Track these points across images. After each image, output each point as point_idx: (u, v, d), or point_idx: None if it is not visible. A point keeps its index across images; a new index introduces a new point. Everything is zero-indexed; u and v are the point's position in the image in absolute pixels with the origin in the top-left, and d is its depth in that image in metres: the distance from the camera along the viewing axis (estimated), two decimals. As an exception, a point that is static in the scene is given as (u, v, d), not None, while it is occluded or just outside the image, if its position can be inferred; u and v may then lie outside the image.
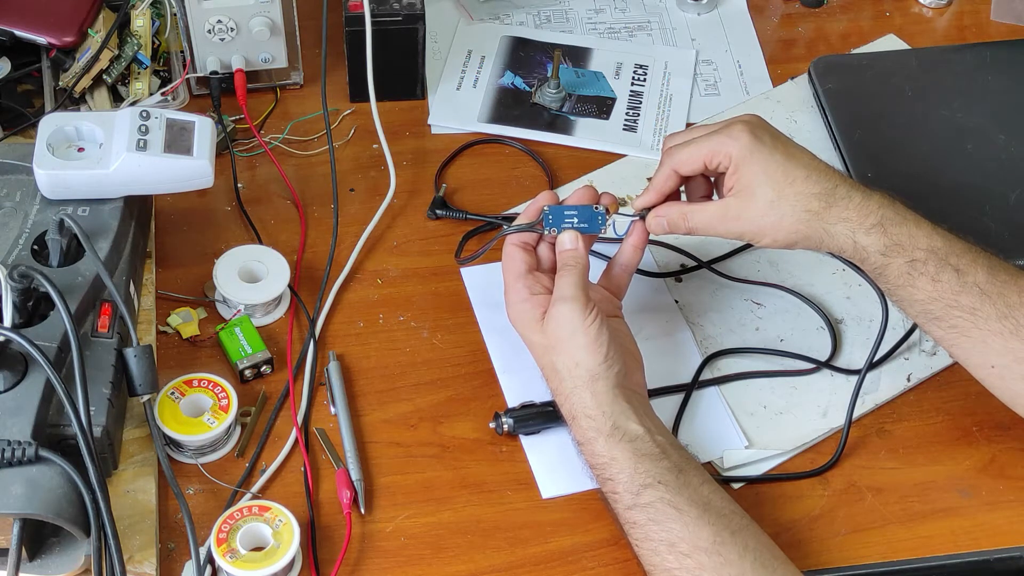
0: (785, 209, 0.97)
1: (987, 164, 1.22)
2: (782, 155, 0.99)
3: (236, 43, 1.23)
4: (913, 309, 0.99)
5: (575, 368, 0.96)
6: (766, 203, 0.98)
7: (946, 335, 0.98)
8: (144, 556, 0.94)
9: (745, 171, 0.98)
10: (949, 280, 0.96)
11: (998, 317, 0.95)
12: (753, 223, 0.99)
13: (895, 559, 0.99)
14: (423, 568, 0.96)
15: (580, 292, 0.97)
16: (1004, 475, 1.03)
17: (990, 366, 0.97)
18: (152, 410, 0.98)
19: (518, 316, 1.00)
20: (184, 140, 1.04)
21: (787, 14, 1.41)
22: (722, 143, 0.99)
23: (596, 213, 1.02)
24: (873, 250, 0.97)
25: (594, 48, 1.35)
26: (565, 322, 0.96)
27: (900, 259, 0.97)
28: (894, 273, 0.97)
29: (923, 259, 0.97)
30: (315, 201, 1.19)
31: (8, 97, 1.24)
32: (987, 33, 1.39)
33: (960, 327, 0.97)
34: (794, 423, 1.05)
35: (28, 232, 1.01)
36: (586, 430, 0.95)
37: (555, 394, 0.99)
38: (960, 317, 0.96)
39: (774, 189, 0.97)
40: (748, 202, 0.98)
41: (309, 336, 1.08)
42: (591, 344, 0.96)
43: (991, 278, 0.96)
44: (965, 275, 0.96)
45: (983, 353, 0.97)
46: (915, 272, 0.97)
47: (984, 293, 0.96)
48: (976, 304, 0.96)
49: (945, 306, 0.97)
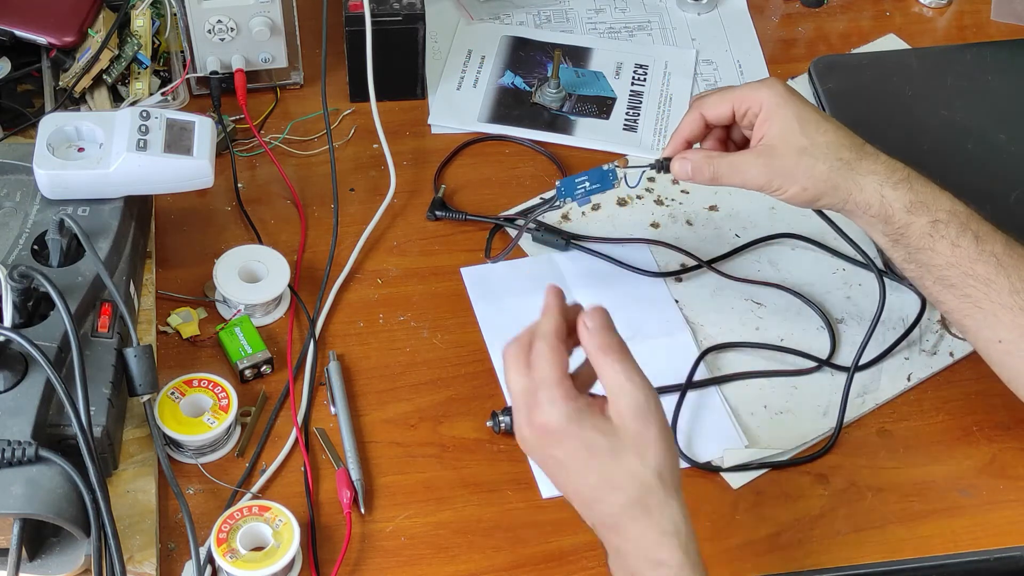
0: (819, 156, 0.97)
1: (988, 164, 1.22)
2: (813, 110, 0.99)
3: (236, 43, 1.23)
4: (930, 276, 0.98)
5: (670, 474, 0.82)
6: (799, 149, 0.97)
7: (959, 305, 0.98)
8: (144, 556, 0.94)
9: (778, 117, 0.98)
10: (968, 246, 0.96)
11: (1011, 291, 0.95)
12: (784, 170, 0.98)
13: (895, 559, 0.99)
14: (423, 568, 0.96)
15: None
16: (1004, 475, 1.03)
17: (998, 340, 0.97)
18: (152, 410, 0.98)
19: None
20: (184, 140, 1.04)
21: (787, 14, 1.41)
22: (755, 89, 0.99)
23: (606, 171, 1.01)
24: (899, 206, 0.97)
25: (594, 48, 1.35)
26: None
27: (923, 218, 0.97)
28: (916, 234, 0.97)
29: (945, 220, 0.96)
30: (315, 201, 1.20)
31: (8, 97, 1.24)
32: (987, 33, 1.39)
33: (973, 297, 0.96)
34: (794, 422, 1.05)
35: (28, 232, 1.01)
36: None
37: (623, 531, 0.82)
38: (974, 287, 0.96)
39: (808, 137, 0.97)
40: (781, 147, 0.98)
41: (309, 336, 1.08)
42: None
43: (1008, 250, 0.96)
44: (984, 243, 0.96)
45: (992, 327, 0.96)
46: (936, 234, 0.97)
47: (1000, 264, 0.96)
48: (991, 275, 0.96)
49: (962, 273, 0.96)
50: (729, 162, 0.99)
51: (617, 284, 1.14)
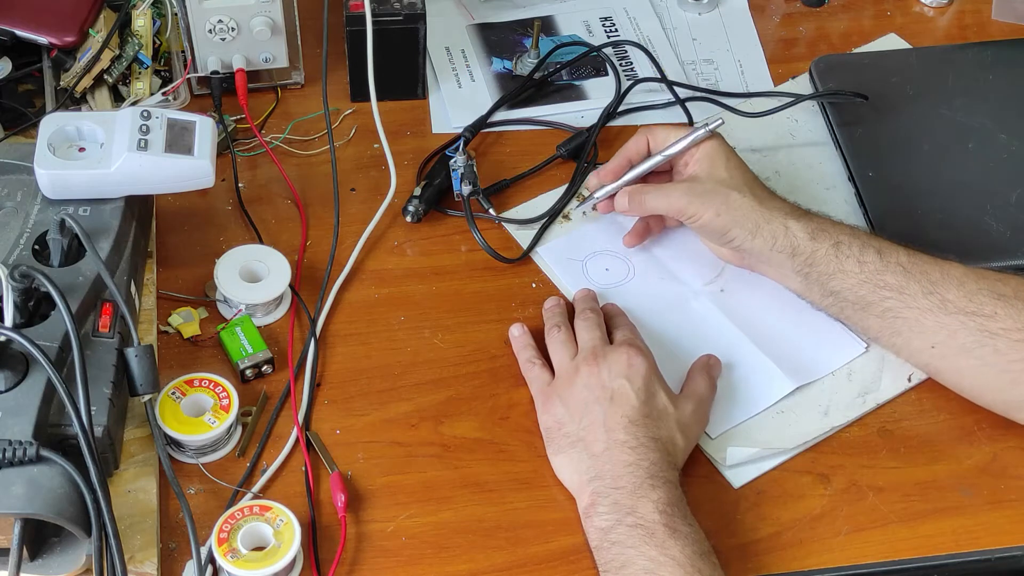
0: (734, 186, 1.07)
1: (988, 163, 1.22)
2: (740, 159, 1.10)
3: (237, 43, 1.23)
4: (848, 303, 1.05)
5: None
6: (718, 180, 1.07)
7: (883, 323, 1.04)
8: (145, 556, 0.94)
9: (708, 156, 1.09)
10: (873, 260, 1.03)
11: (923, 293, 1.01)
12: (703, 195, 1.07)
13: (896, 558, 0.99)
14: (424, 568, 0.96)
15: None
16: (1005, 474, 1.03)
17: (931, 347, 1.02)
18: (153, 410, 0.98)
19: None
20: (185, 140, 1.04)
21: (788, 13, 1.41)
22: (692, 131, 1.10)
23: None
24: (803, 235, 1.05)
25: (554, 15, 1.37)
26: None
27: (826, 243, 1.04)
28: (823, 259, 1.04)
29: (847, 241, 1.04)
30: (316, 201, 1.20)
31: (9, 97, 1.24)
32: (988, 32, 1.39)
33: (893, 309, 1.02)
34: (795, 422, 1.05)
35: (29, 232, 1.01)
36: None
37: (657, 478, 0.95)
38: (890, 298, 1.02)
39: (728, 172, 1.08)
40: (704, 177, 1.08)
41: (310, 336, 1.08)
42: None
43: (912, 258, 1.03)
44: (887, 255, 1.03)
45: (920, 334, 1.02)
46: (841, 255, 1.04)
47: (907, 271, 1.02)
48: (902, 283, 1.02)
49: (874, 287, 1.03)
50: (657, 188, 1.10)
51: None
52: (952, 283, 1.01)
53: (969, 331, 1.00)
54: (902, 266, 1.02)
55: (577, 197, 1.20)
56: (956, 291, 1.00)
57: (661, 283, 1.14)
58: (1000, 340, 0.99)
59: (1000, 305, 0.99)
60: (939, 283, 1.01)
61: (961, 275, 1.01)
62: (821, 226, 1.05)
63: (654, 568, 0.89)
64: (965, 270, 1.02)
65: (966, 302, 1.00)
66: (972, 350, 1.00)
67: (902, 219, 1.17)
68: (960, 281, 1.01)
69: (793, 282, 1.08)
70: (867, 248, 1.04)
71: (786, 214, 1.06)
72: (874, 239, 1.05)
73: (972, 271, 1.02)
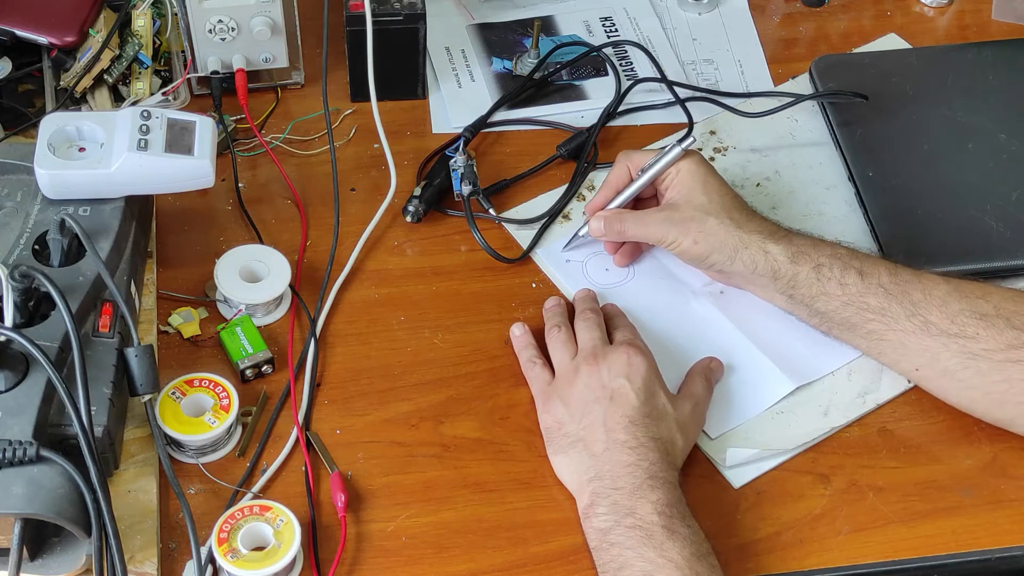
0: (712, 212, 1.06)
1: (988, 163, 1.22)
2: (720, 179, 1.09)
3: (237, 43, 1.23)
4: (834, 324, 1.05)
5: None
6: (696, 206, 1.06)
7: (869, 344, 1.04)
8: (145, 556, 0.94)
9: (687, 180, 1.08)
10: (854, 282, 1.02)
11: (906, 316, 1.01)
12: (681, 222, 1.06)
13: (896, 558, 0.99)
14: (424, 568, 0.97)
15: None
16: (1006, 474, 1.03)
17: (915, 369, 1.03)
18: (153, 410, 0.98)
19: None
20: (185, 140, 1.04)
21: (788, 13, 1.41)
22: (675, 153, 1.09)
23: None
24: (783, 258, 1.04)
25: (554, 15, 1.37)
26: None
27: (807, 265, 1.04)
28: (804, 281, 1.04)
29: (828, 264, 1.03)
30: (316, 201, 1.20)
31: (9, 97, 1.24)
32: (988, 32, 1.39)
33: (877, 331, 1.02)
34: (795, 422, 1.05)
35: (29, 232, 1.01)
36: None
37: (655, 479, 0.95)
38: (873, 320, 1.02)
39: (707, 196, 1.07)
40: (682, 204, 1.07)
41: (310, 336, 1.09)
42: None
43: (893, 278, 1.02)
44: (869, 276, 1.02)
45: (904, 356, 1.02)
46: (823, 277, 1.03)
47: (888, 293, 1.01)
48: (884, 304, 1.01)
49: (857, 310, 1.02)
50: (635, 216, 1.10)
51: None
52: (934, 304, 1.00)
53: (952, 353, 0.99)
54: (884, 287, 1.02)
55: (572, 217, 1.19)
56: (938, 312, 1.00)
57: (661, 284, 1.14)
58: (982, 361, 0.99)
59: (982, 325, 0.99)
60: (921, 304, 1.01)
61: (944, 295, 1.01)
62: (801, 248, 1.04)
63: (652, 570, 0.89)
64: (947, 288, 1.01)
65: (948, 323, 1.00)
66: (955, 372, 1.00)
67: (902, 219, 1.17)
68: (943, 301, 1.00)
69: (779, 301, 1.07)
70: (848, 270, 1.03)
71: (765, 237, 1.05)
72: (855, 258, 1.04)
73: (955, 288, 1.01)
